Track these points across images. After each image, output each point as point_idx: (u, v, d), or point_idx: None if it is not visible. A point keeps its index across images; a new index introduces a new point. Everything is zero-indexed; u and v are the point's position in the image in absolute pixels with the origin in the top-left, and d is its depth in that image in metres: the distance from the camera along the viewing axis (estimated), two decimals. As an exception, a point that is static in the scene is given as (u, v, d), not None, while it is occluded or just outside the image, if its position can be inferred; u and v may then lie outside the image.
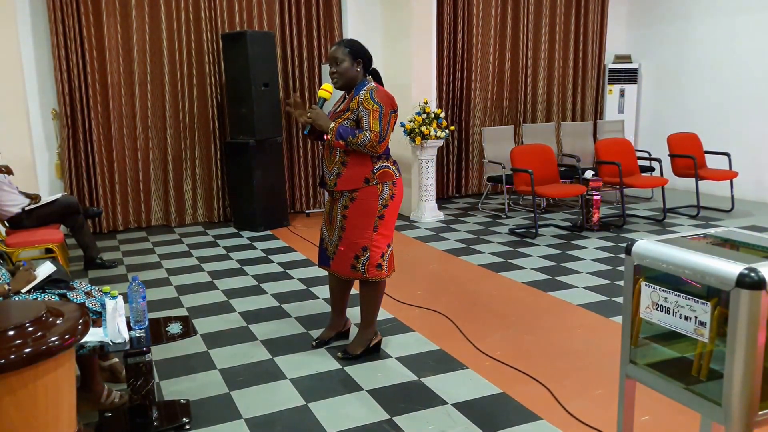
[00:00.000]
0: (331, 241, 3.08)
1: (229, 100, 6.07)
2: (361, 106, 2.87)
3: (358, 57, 2.93)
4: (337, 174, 2.94)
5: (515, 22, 7.52)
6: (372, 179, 2.92)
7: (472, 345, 3.30)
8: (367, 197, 2.93)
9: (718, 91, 7.22)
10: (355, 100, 2.90)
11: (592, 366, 3.05)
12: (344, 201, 2.97)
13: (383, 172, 2.95)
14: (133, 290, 2.53)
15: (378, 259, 3.00)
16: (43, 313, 1.90)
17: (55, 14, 5.50)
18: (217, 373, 3.04)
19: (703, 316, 1.63)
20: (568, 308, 3.83)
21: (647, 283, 1.79)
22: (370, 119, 2.83)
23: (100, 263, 4.80)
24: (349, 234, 2.97)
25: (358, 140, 2.82)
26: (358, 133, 2.84)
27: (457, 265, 4.79)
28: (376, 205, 2.95)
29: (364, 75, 2.98)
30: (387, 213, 2.98)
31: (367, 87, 2.91)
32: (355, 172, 2.91)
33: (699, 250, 1.72)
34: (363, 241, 2.97)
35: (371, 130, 2.82)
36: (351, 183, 2.92)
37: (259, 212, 5.96)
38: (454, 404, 2.70)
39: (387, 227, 3.01)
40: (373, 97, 2.87)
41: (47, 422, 1.85)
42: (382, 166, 2.94)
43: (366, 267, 2.99)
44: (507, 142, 6.93)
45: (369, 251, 2.98)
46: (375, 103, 2.85)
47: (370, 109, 2.84)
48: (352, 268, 3.01)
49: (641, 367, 1.85)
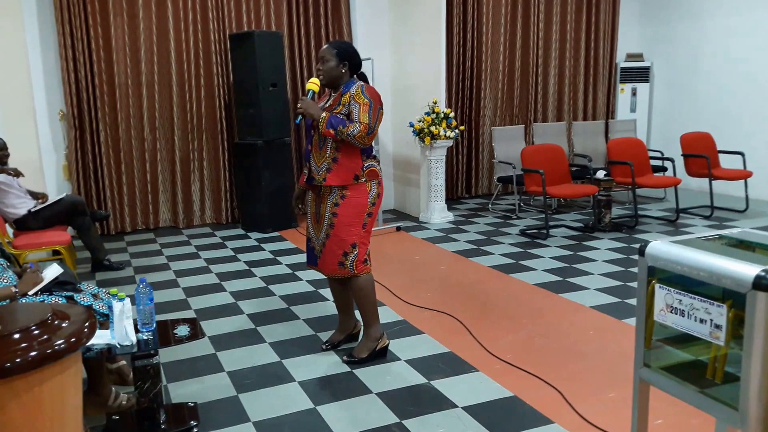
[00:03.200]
0: (318, 239, 3.10)
1: (237, 100, 6.07)
2: (352, 99, 2.96)
3: (345, 59, 3.01)
4: (327, 169, 2.97)
5: (525, 20, 7.46)
6: (361, 176, 3.00)
7: (483, 347, 3.27)
8: (358, 195, 3.00)
9: (731, 89, 7.12)
10: (346, 95, 2.98)
11: (605, 368, 3.01)
12: (334, 198, 3.00)
13: (371, 171, 3.03)
14: (141, 292, 2.52)
15: (364, 255, 3.08)
16: (48, 315, 1.88)
17: (62, 15, 5.52)
18: (225, 375, 3.02)
19: (719, 319, 1.61)
20: (580, 310, 3.79)
21: (661, 285, 1.76)
22: (360, 112, 2.92)
23: (108, 265, 4.81)
24: (339, 231, 3.00)
25: (348, 130, 2.89)
26: (348, 123, 2.91)
27: (467, 267, 4.75)
28: (366, 202, 3.02)
29: (350, 76, 3.06)
30: (375, 211, 3.08)
31: (357, 84, 3.01)
32: (345, 168, 2.96)
33: (714, 251, 1.70)
34: (352, 239, 3.01)
35: (361, 122, 2.91)
36: (341, 179, 2.96)
37: (266, 213, 5.95)
38: (464, 408, 2.67)
39: (371, 224, 3.11)
40: (363, 92, 2.97)
41: (53, 426, 1.84)
42: (370, 164, 3.04)
43: (354, 263, 3.04)
44: (517, 142, 6.88)
45: (358, 248, 3.03)
46: (366, 98, 2.95)
47: (360, 103, 2.94)
48: (340, 265, 3.03)
49: (655, 371, 1.83)
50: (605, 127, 7.60)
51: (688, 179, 6.73)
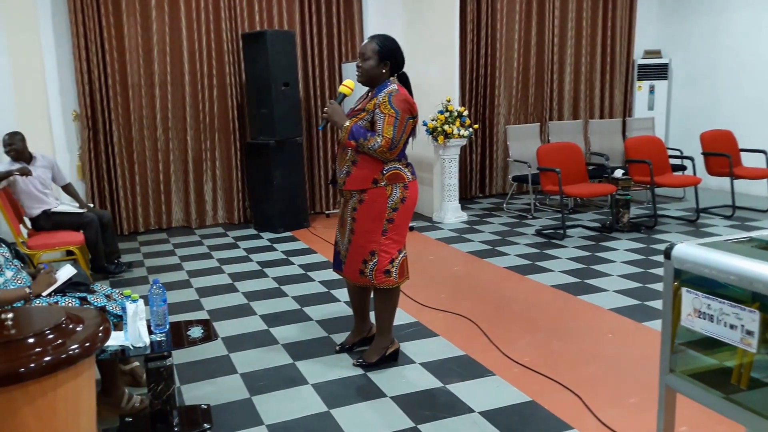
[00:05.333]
0: (342, 244, 3.03)
1: (250, 100, 6.05)
2: (377, 108, 2.80)
3: (387, 58, 2.86)
4: (347, 173, 2.88)
5: (540, 16, 7.37)
6: (381, 180, 2.85)
7: (499, 351, 3.21)
8: (375, 199, 2.86)
9: (752, 85, 6.98)
10: (372, 102, 2.84)
11: (625, 373, 2.94)
12: (353, 203, 2.91)
13: (393, 174, 2.86)
14: (154, 293, 2.50)
15: (386, 265, 2.91)
16: (63, 319, 1.86)
17: (76, 16, 5.52)
18: (238, 377, 2.99)
19: (750, 324, 1.56)
20: (599, 312, 3.71)
21: (689, 289, 1.70)
22: (384, 124, 2.77)
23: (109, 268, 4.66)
24: (358, 237, 2.92)
25: (369, 143, 2.77)
26: (369, 136, 2.78)
27: (481, 268, 4.69)
28: (384, 207, 2.86)
29: (389, 76, 2.91)
30: (397, 217, 2.89)
31: (388, 90, 2.84)
32: (364, 172, 2.85)
33: (744, 254, 1.64)
34: (371, 245, 2.89)
35: (383, 135, 2.76)
36: (359, 183, 2.86)
37: (279, 213, 5.92)
38: (481, 412, 2.62)
39: (398, 232, 2.92)
40: (391, 101, 2.79)
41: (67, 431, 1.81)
42: (393, 167, 2.86)
43: (374, 273, 2.91)
44: (533, 141, 6.80)
45: (377, 256, 2.90)
46: (392, 108, 2.78)
47: (385, 114, 2.77)
48: (360, 273, 2.94)
49: (681, 377, 1.78)
50: (622, 125, 7.49)
51: (708, 178, 6.60)
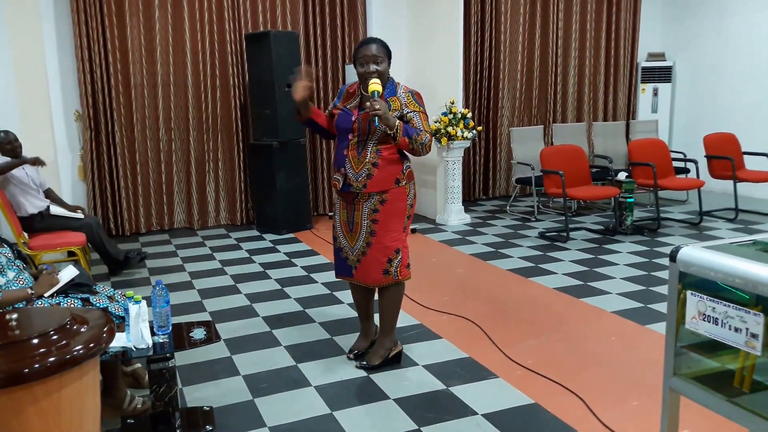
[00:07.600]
0: (353, 249, 2.97)
1: (253, 101, 6.05)
2: (405, 108, 2.86)
3: (390, 57, 2.92)
4: (367, 175, 2.84)
5: (544, 19, 7.37)
6: (402, 179, 2.91)
7: (502, 353, 3.20)
8: (398, 198, 2.90)
9: (756, 88, 6.96)
10: (396, 102, 2.86)
11: (628, 376, 2.93)
12: (372, 204, 2.89)
13: (410, 172, 2.98)
14: (157, 295, 2.50)
15: (407, 259, 3.00)
16: (67, 320, 1.86)
17: (79, 16, 5.52)
18: (240, 379, 2.99)
19: (755, 327, 1.56)
20: (602, 315, 3.70)
21: (693, 292, 1.70)
22: (422, 121, 2.86)
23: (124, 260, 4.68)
24: (382, 238, 2.90)
25: (421, 139, 2.82)
26: (415, 133, 2.82)
27: (484, 270, 4.68)
28: (405, 205, 2.94)
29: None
30: (412, 213, 3.02)
31: (403, 88, 2.92)
32: (387, 172, 2.85)
33: (749, 257, 1.64)
34: (396, 243, 2.93)
35: (425, 131, 2.84)
36: (383, 184, 2.86)
37: (282, 215, 5.92)
38: (484, 415, 2.61)
39: (409, 227, 3.04)
40: (415, 99, 2.89)
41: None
42: (408, 166, 2.96)
43: (398, 269, 2.96)
44: (536, 143, 6.79)
45: (401, 252, 2.96)
46: (420, 106, 2.90)
47: (419, 111, 2.87)
48: (385, 273, 2.93)
49: (684, 379, 1.78)
50: (626, 127, 7.47)
51: (711, 181, 6.58)
